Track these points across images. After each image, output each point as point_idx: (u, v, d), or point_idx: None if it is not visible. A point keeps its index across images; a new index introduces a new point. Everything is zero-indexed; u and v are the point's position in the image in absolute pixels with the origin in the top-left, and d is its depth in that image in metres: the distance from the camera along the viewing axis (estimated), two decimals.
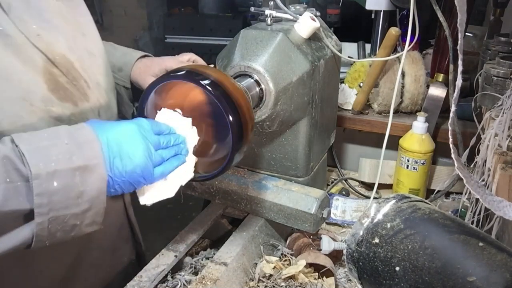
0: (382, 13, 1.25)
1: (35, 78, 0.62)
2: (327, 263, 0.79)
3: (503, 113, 0.77)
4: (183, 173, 0.62)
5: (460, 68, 0.58)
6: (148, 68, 0.90)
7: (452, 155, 0.55)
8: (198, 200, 0.99)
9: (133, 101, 0.97)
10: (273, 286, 0.76)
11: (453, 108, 0.60)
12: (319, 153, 0.96)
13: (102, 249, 0.82)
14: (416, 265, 0.47)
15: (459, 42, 0.58)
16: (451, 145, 0.57)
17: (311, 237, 0.86)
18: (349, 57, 1.33)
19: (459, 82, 0.57)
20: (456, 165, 0.54)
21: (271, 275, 0.77)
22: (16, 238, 0.50)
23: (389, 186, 1.11)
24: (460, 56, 0.58)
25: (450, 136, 0.58)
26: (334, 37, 0.96)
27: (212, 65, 0.81)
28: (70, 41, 0.70)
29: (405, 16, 1.35)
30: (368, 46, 1.38)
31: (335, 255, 0.84)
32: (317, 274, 0.79)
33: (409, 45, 0.94)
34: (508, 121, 0.74)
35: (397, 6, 1.19)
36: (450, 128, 0.59)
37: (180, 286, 0.77)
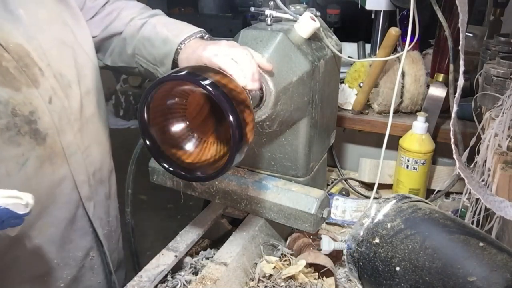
0: (382, 13, 1.25)
1: None
2: (327, 263, 0.79)
3: (503, 113, 0.77)
4: None
5: (462, 68, 0.58)
6: (188, 61, 0.76)
7: (454, 156, 0.55)
8: (198, 200, 0.99)
9: None
10: (273, 286, 0.76)
11: (454, 109, 0.60)
12: (319, 153, 0.96)
13: (47, 240, 0.78)
14: (417, 265, 0.47)
15: (460, 42, 0.58)
16: (452, 146, 0.57)
17: (311, 237, 0.86)
18: (349, 57, 1.33)
19: (461, 82, 0.57)
20: (457, 165, 0.54)
21: (271, 275, 0.77)
22: None
23: (389, 186, 1.11)
24: (462, 56, 0.58)
25: (451, 137, 0.58)
26: (334, 37, 0.96)
27: None
28: (35, 31, 0.74)
29: (405, 16, 1.35)
30: (368, 46, 1.38)
31: (335, 255, 0.84)
32: (317, 274, 0.79)
33: (409, 45, 0.94)
34: (508, 121, 0.74)
35: (397, 6, 1.19)
36: (451, 129, 0.58)
37: (180, 286, 0.77)
